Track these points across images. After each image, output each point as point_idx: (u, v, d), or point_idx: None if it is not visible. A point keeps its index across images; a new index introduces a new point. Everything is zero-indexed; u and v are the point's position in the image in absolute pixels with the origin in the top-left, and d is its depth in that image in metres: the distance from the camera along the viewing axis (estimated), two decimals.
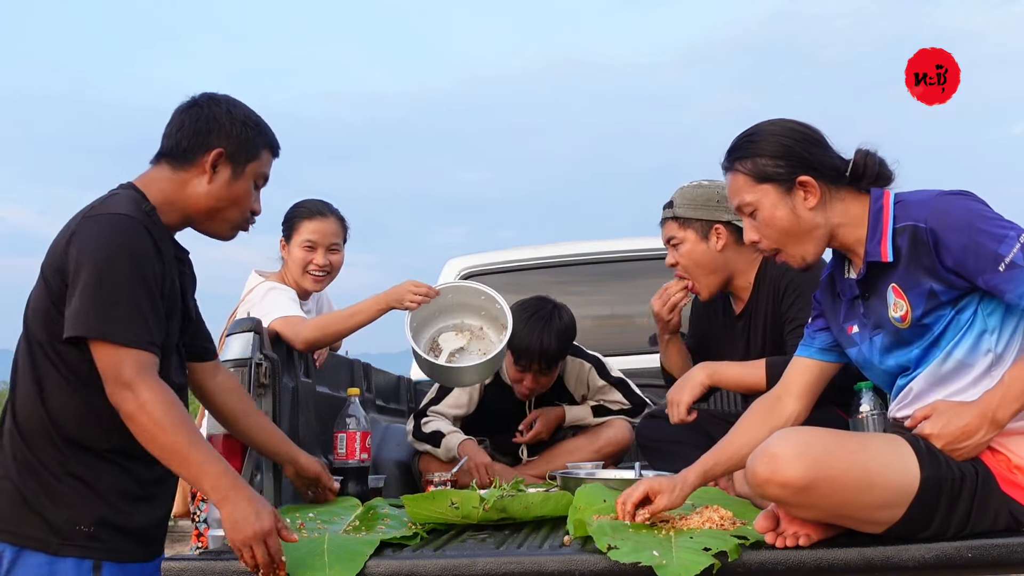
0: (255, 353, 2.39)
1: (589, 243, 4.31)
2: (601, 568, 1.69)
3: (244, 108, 1.99)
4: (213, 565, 1.75)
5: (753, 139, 1.94)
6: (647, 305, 2.86)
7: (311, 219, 3.00)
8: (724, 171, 2.00)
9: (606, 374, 3.23)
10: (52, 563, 1.76)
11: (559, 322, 2.98)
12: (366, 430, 2.79)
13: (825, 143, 1.93)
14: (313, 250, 2.98)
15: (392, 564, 1.74)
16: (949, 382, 1.79)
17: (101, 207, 1.84)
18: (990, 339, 1.77)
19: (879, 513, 1.68)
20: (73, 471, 1.79)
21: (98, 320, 1.73)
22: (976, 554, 1.67)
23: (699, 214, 2.58)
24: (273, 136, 2.03)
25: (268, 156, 2.01)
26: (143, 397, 1.71)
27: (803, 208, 1.88)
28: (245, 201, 1.97)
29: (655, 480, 1.93)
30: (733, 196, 1.97)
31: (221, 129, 1.93)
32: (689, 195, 2.62)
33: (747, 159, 1.93)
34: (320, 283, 3.01)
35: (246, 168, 1.95)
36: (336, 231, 3.03)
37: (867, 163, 1.89)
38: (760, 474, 1.66)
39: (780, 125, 1.94)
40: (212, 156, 1.91)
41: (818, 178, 1.87)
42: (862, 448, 1.70)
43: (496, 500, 2.09)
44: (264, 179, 2.02)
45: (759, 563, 1.68)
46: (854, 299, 1.93)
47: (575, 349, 3.24)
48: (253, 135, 1.97)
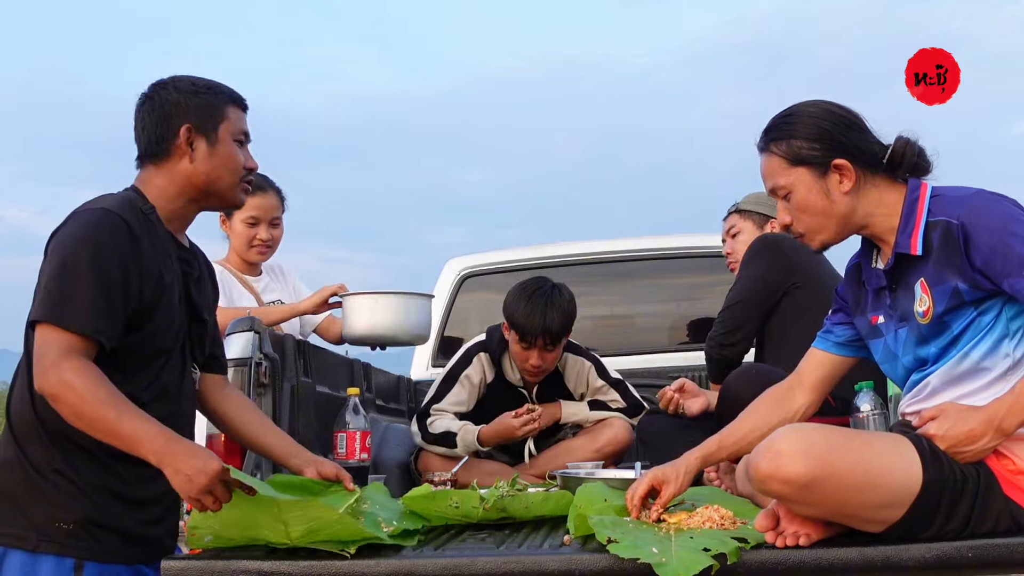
0: (255, 353, 2.39)
1: (589, 243, 4.32)
2: (601, 567, 1.69)
3: (190, 78, 1.98)
4: (213, 565, 1.75)
5: (789, 120, 1.91)
6: (647, 305, 2.94)
7: (251, 195, 2.87)
8: (759, 151, 1.96)
9: (605, 374, 3.24)
10: (33, 561, 1.76)
11: (561, 298, 3.03)
12: (366, 430, 2.80)
13: (864, 127, 1.90)
14: (256, 225, 3.10)
15: (392, 564, 1.73)
16: (964, 382, 1.78)
17: (87, 204, 1.86)
18: (1010, 344, 1.76)
19: (881, 512, 1.68)
20: (59, 468, 1.79)
21: (43, 305, 1.74)
22: (976, 554, 1.67)
23: (759, 208, 3.09)
24: (231, 91, 2.01)
25: (236, 111, 2.00)
26: (65, 376, 1.68)
27: (838, 192, 1.85)
28: (233, 163, 1.97)
29: (657, 471, 1.93)
30: (767, 178, 1.94)
31: (178, 107, 1.93)
32: (754, 196, 3.14)
33: (782, 141, 1.89)
34: (264, 255, 3.16)
35: (219, 132, 1.95)
36: (276, 205, 3.15)
37: (906, 151, 1.86)
38: (763, 469, 1.66)
39: (818, 107, 1.90)
40: (182, 135, 1.92)
41: (854, 162, 1.85)
42: (866, 447, 1.70)
43: (496, 500, 2.09)
44: (244, 134, 2.01)
45: (759, 563, 1.68)
46: (880, 289, 1.91)
47: (575, 347, 3.25)
48: (210, 98, 1.96)
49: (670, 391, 2.87)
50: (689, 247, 4.15)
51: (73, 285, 1.74)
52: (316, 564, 1.73)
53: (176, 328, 1.93)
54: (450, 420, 3.13)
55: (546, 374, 3.15)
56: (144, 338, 1.85)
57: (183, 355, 1.98)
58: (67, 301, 1.73)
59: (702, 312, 4.22)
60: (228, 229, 3.14)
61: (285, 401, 2.50)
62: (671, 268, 4.21)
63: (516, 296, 3.04)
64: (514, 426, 3.01)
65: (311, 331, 3.32)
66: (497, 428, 3.03)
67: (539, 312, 2.97)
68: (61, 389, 1.69)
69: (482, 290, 4.25)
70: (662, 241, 4.21)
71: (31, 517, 1.77)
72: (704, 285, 4.26)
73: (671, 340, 4.22)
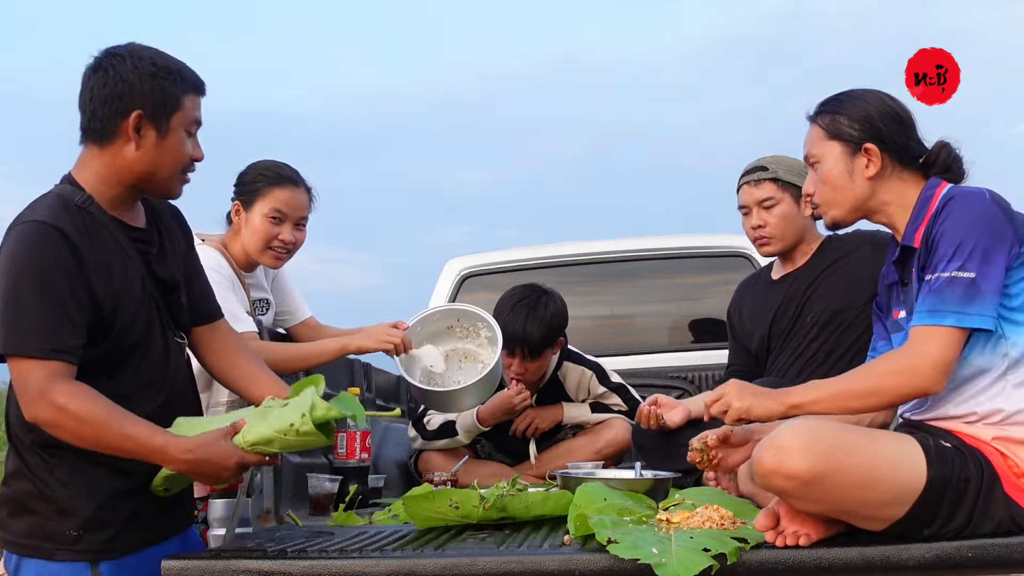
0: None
1: (589, 243, 4.31)
2: (601, 567, 1.68)
3: (151, 56, 1.83)
4: (213, 565, 1.74)
5: (842, 98, 1.99)
6: (647, 305, 2.90)
7: (282, 187, 2.61)
8: (809, 121, 2.04)
9: (607, 380, 3.24)
10: (48, 568, 1.76)
11: (543, 311, 3.00)
12: (366, 430, 2.79)
13: (910, 124, 1.96)
14: (280, 223, 2.60)
15: (392, 564, 1.73)
16: (965, 385, 1.80)
17: (23, 214, 1.80)
18: (1007, 343, 1.77)
19: (883, 510, 1.68)
20: (58, 475, 1.79)
21: (4, 337, 1.71)
22: (976, 554, 1.66)
23: (797, 180, 2.70)
24: (192, 76, 1.87)
25: (193, 99, 1.87)
26: (59, 402, 1.68)
27: (861, 174, 1.92)
28: (179, 155, 1.85)
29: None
30: (806, 145, 2.03)
31: (132, 89, 1.79)
32: (787, 163, 2.77)
33: (828, 115, 1.98)
34: (280, 261, 2.65)
35: (171, 122, 1.82)
36: (306, 204, 2.67)
37: (941, 153, 1.92)
38: (766, 464, 1.66)
39: (872, 94, 1.98)
40: (132, 121, 1.79)
41: (885, 150, 1.91)
42: (871, 445, 1.70)
43: (496, 499, 2.09)
44: (196, 124, 1.88)
45: (759, 562, 1.68)
46: (893, 284, 1.96)
47: (576, 356, 3.25)
48: (169, 85, 1.82)
49: (645, 407, 2.61)
50: (689, 247, 4.15)
51: (25, 312, 1.71)
52: (316, 564, 1.73)
53: (145, 317, 1.88)
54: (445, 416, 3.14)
55: (531, 381, 3.14)
56: (114, 339, 1.82)
57: (163, 334, 1.93)
58: (23, 329, 1.70)
59: (702, 312, 4.22)
60: (242, 220, 2.61)
61: None
62: (671, 268, 4.21)
63: (503, 302, 3.06)
64: (511, 397, 3.03)
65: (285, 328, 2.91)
66: (494, 405, 3.04)
67: (519, 322, 2.97)
68: (56, 417, 1.69)
69: (482, 290, 4.24)
70: (662, 241, 4.20)
71: (43, 526, 1.78)
72: (704, 285, 4.26)
73: (671, 340, 4.22)
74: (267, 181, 2.61)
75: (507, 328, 2.96)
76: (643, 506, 2.01)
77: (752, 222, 2.78)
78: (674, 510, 1.95)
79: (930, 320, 1.74)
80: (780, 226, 2.74)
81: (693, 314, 4.27)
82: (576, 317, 3.15)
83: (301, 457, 2.62)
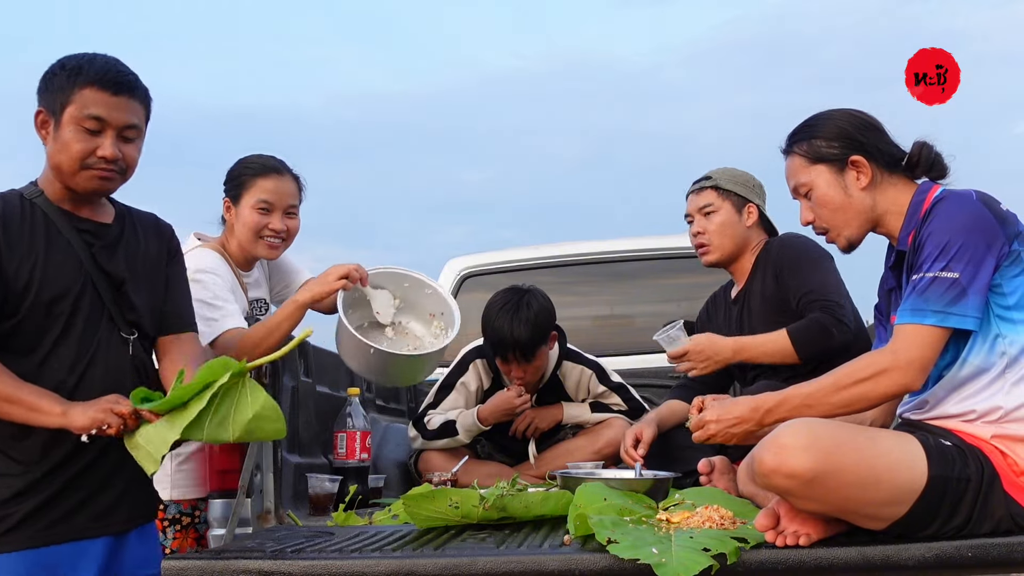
0: None
1: (589, 243, 4.31)
2: (601, 567, 1.69)
3: (68, 57, 1.91)
4: (213, 565, 1.75)
5: (811, 124, 2.03)
6: (647, 305, 2.90)
7: (265, 176, 2.61)
8: (784, 155, 2.07)
9: (607, 380, 3.24)
10: None
11: (527, 311, 2.97)
12: (366, 430, 2.79)
13: (882, 130, 1.99)
14: (268, 213, 2.59)
15: (392, 564, 1.73)
16: (965, 386, 1.80)
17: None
18: (1003, 342, 1.77)
19: (884, 509, 1.68)
20: None
21: None
22: (976, 554, 1.67)
23: (738, 189, 2.82)
24: (93, 72, 1.88)
25: (90, 94, 1.87)
26: None
27: (855, 187, 1.95)
28: (69, 150, 1.87)
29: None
30: (790, 177, 2.04)
31: (39, 90, 1.91)
32: (730, 173, 2.86)
33: (804, 141, 2.01)
34: (276, 250, 2.63)
35: (62, 117, 1.87)
36: (294, 192, 2.65)
37: (923, 153, 1.94)
38: (767, 463, 1.66)
39: (840, 111, 2.02)
40: (38, 119, 1.91)
41: (870, 159, 1.94)
42: (871, 443, 1.70)
43: (496, 499, 2.09)
44: (93, 119, 1.87)
45: (759, 562, 1.68)
46: (891, 290, 1.98)
47: (576, 355, 3.25)
48: (61, 80, 1.87)
49: (627, 458, 2.62)
50: (689, 247, 4.14)
51: None
52: (316, 564, 1.73)
53: (71, 301, 1.88)
54: (445, 415, 3.14)
55: (534, 383, 3.14)
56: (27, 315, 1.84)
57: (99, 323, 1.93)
58: None
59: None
60: (233, 216, 2.62)
61: (285, 401, 2.50)
62: (671, 268, 4.20)
63: (488, 311, 3.04)
64: (511, 397, 3.03)
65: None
66: (495, 404, 3.05)
67: (506, 328, 2.95)
68: None
69: (482, 290, 4.24)
70: (662, 241, 4.20)
71: None
72: (704, 285, 4.25)
73: None
74: (252, 173, 2.62)
75: (495, 336, 2.96)
76: (643, 506, 2.02)
77: (693, 229, 2.87)
78: (674, 510, 1.95)
79: (912, 319, 1.76)
80: (718, 233, 2.81)
81: (693, 314, 4.25)
82: (576, 317, 3.15)
83: (301, 457, 2.63)
